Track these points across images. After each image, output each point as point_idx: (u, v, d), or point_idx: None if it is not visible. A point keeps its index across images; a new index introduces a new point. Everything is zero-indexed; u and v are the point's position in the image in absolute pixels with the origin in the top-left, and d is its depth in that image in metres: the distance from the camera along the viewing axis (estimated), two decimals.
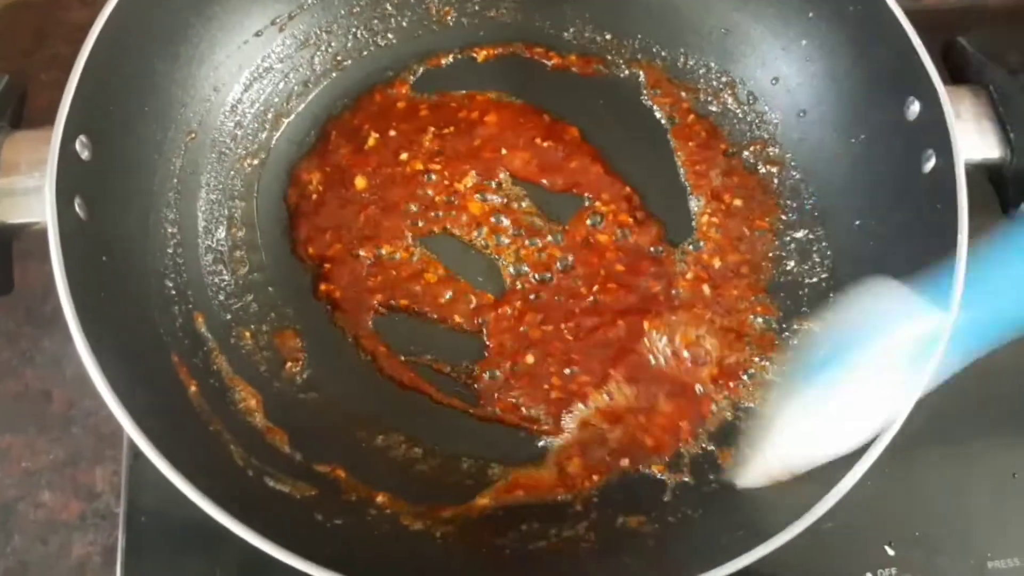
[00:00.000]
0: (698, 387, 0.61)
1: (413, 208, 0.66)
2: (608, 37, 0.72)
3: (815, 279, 0.65)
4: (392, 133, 0.69)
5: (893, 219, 0.60)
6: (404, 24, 0.72)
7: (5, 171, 0.52)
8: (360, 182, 0.67)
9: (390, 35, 0.72)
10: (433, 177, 0.67)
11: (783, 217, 0.67)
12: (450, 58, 0.72)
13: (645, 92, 0.71)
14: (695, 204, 0.68)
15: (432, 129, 0.69)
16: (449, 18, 0.73)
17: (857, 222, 0.63)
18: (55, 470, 0.64)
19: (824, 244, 0.65)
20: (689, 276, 0.65)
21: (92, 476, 0.64)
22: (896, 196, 0.59)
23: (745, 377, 0.62)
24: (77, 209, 0.51)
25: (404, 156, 0.68)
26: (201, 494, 0.46)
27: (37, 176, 0.50)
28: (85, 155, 0.53)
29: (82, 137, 0.52)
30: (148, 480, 0.60)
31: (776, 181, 0.68)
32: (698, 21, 0.70)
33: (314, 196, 0.67)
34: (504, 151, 0.68)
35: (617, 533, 0.56)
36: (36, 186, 0.50)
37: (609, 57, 0.72)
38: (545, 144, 0.69)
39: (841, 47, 0.64)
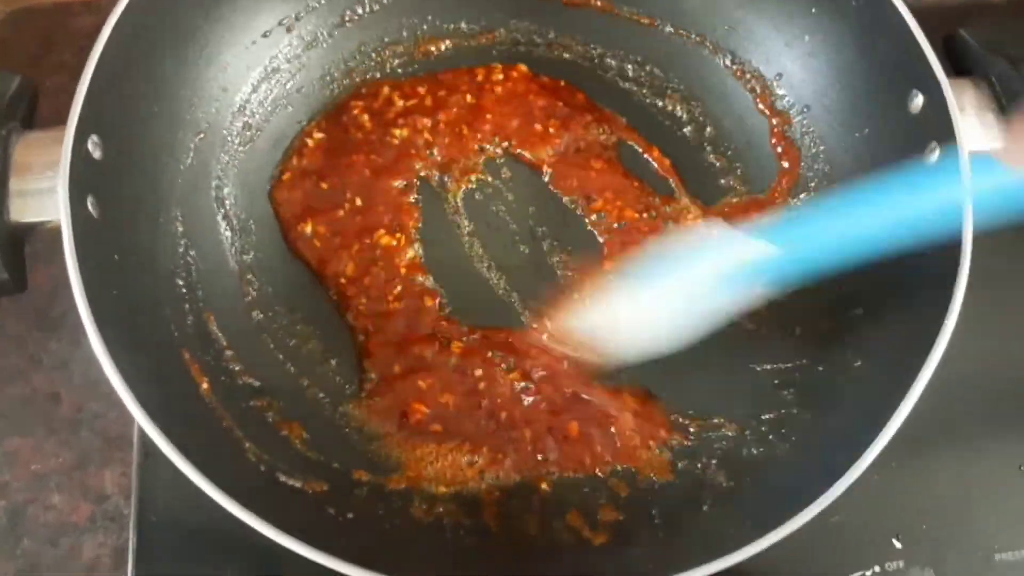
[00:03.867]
0: None
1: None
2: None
3: None
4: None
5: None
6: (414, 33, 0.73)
7: (18, 171, 0.52)
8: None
9: (400, 51, 0.73)
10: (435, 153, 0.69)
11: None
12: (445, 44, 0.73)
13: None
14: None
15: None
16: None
17: None
18: (64, 473, 0.64)
19: None
20: None
21: (101, 478, 0.64)
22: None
23: None
24: (90, 208, 0.52)
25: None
26: (218, 489, 0.46)
27: (50, 175, 0.51)
28: (97, 154, 0.53)
29: (94, 137, 0.52)
30: (158, 481, 0.60)
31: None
32: (702, 17, 0.71)
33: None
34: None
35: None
36: (49, 186, 0.51)
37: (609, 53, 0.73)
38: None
39: (844, 42, 0.64)
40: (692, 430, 0.61)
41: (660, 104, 0.71)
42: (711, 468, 0.59)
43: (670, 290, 0.57)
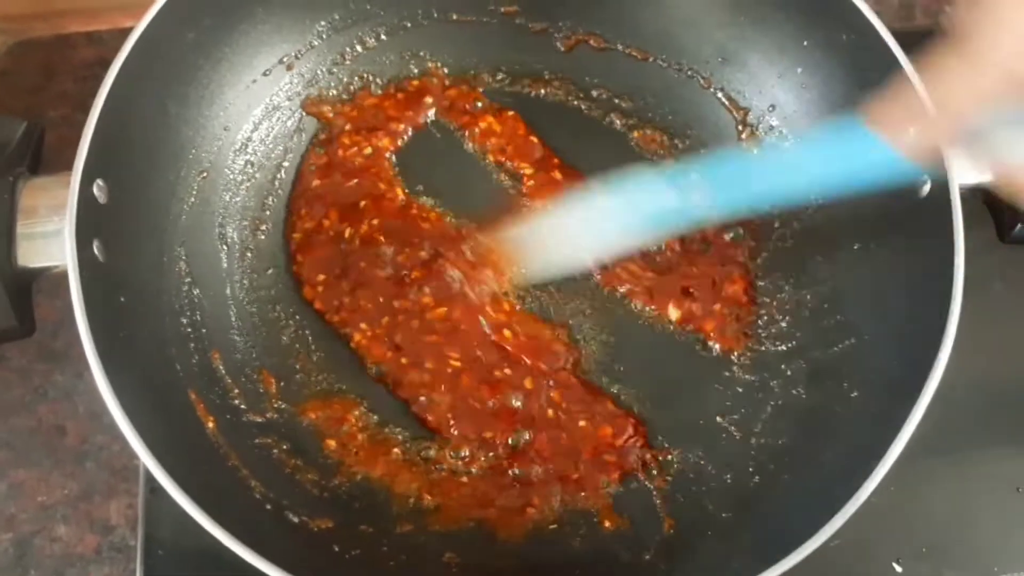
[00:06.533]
0: None
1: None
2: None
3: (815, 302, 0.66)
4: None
5: (892, 242, 0.61)
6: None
7: (25, 216, 0.53)
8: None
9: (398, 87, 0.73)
10: None
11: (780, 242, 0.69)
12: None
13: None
14: None
15: None
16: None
17: (856, 245, 0.64)
18: (70, 504, 0.65)
19: (824, 268, 0.66)
20: None
21: (107, 510, 0.65)
22: (894, 220, 0.60)
23: None
24: (96, 251, 0.52)
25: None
26: (220, 528, 0.46)
27: (56, 220, 0.51)
28: (102, 198, 0.53)
29: (99, 181, 0.53)
30: (165, 514, 0.61)
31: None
32: (695, 49, 0.71)
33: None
34: None
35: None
36: (56, 230, 0.51)
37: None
38: None
39: (835, 74, 0.65)
40: (691, 461, 0.62)
41: (650, 137, 0.72)
42: (711, 500, 0.60)
43: (591, 215, 0.59)
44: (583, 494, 0.60)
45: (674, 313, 0.66)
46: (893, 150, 0.39)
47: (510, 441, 0.61)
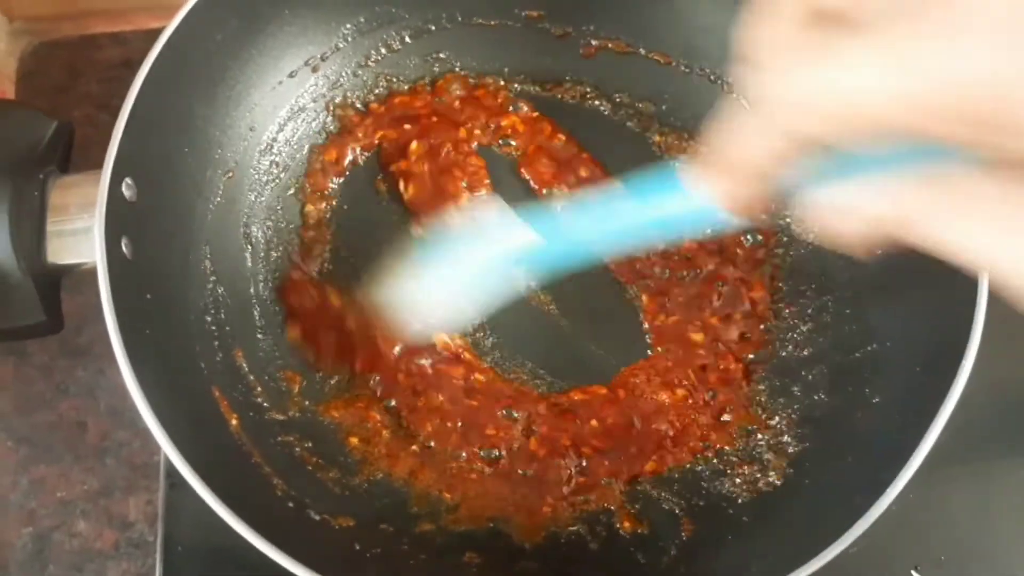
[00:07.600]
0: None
1: None
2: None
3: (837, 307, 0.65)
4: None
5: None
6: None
7: (55, 213, 0.53)
8: None
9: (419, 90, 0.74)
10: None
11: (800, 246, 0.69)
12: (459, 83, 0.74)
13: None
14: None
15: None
16: None
17: (879, 250, 0.63)
18: (89, 500, 0.65)
19: (845, 272, 0.65)
20: None
21: (126, 506, 0.65)
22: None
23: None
24: (124, 249, 0.53)
25: None
26: (243, 523, 0.47)
27: (86, 218, 0.52)
28: (131, 196, 0.54)
29: (128, 179, 0.53)
30: (185, 510, 0.61)
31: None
32: (717, 54, 0.71)
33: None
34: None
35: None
36: (85, 227, 0.52)
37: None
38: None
39: None
40: (712, 464, 0.62)
41: (671, 140, 0.72)
42: (731, 505, 0.60)
43: (453, 269, 0.56)
44: (597, 496, 0.60)
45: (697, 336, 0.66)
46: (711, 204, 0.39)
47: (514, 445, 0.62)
